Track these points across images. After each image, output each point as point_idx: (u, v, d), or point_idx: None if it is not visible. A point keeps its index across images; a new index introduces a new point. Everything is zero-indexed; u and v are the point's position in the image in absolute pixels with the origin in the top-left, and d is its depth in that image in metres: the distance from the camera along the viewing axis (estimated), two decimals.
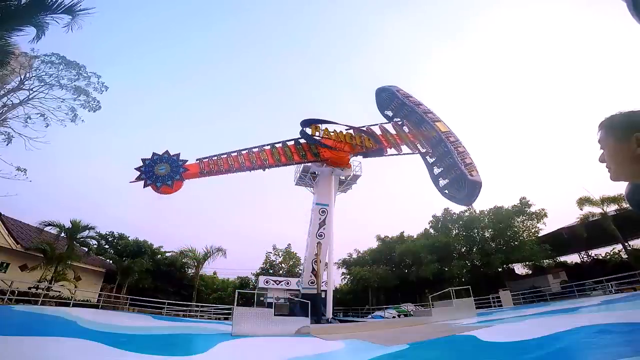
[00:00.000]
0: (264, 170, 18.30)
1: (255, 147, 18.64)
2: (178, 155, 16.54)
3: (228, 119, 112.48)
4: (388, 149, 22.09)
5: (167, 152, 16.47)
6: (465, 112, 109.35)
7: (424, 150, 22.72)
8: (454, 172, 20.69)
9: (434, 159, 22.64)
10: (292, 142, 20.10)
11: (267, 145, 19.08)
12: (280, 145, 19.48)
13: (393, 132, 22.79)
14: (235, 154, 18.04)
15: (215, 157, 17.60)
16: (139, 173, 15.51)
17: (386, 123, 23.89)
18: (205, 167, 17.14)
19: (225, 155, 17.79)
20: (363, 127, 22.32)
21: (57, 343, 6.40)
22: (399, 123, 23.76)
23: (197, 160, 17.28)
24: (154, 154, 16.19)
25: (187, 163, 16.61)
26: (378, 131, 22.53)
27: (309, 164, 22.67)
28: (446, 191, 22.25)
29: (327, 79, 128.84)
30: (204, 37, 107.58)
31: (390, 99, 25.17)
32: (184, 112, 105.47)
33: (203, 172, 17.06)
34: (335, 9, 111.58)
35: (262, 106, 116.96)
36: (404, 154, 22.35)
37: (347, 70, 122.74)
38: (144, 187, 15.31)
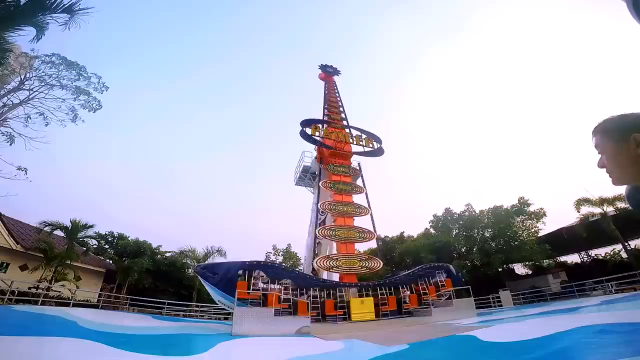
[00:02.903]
0: None
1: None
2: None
3: (227, 117, 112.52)
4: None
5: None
6: (465, 112, 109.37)
7: None
8: None
9: None
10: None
11: None
12: None
13: None
14: None
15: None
16: None
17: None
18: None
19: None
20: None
21: (57, 343, 6.39)
22: None
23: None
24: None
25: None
26: None
27: (309, 164, 22.70)
28: None
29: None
30: (202, 36, 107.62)
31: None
32: (184, 111, 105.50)
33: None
34: (334, 9, 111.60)
35: (261, 105, 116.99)
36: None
37: (346, 69, 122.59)
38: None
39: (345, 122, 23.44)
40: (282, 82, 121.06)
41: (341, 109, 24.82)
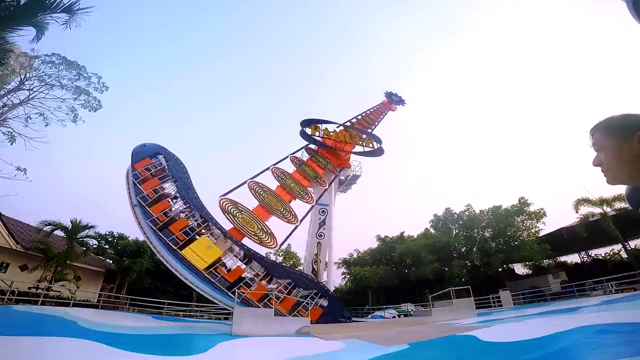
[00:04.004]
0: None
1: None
2: None
3: (227, 117, 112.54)
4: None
5: None
6: (465, 112, 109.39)
7: None
8: None
9: None
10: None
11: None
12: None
13: None
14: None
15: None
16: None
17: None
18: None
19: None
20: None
21: (57, 343, 6.39)
22: None
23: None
24: None
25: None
26: None
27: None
28: None
29: (324, 77, 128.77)
30: (201, 35, 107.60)
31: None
32: (182, 110, 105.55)
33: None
34: (331, 7, 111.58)
35: (260, 104, 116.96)
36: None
37: (344, 68, 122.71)
38: None
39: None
40: (281, 82, 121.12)
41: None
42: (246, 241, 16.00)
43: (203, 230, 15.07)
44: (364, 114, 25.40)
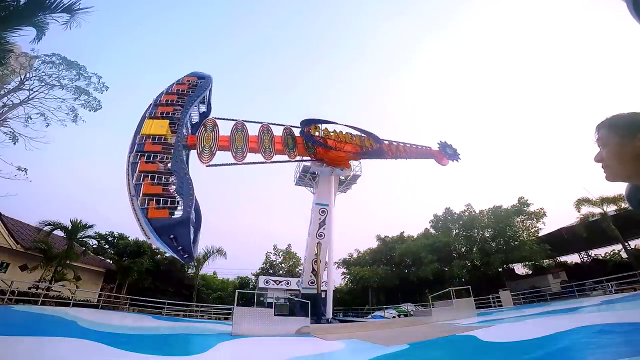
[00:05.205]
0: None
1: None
2: None
3: (226, 116, 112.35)
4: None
5: None
6: (465, 112, 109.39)
7: None
8: None
9: None
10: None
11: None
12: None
13: None
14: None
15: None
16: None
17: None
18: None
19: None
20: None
21: (57, 343, 6.39)
22: None
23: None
24: None
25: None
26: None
27: (309, 164, 22.66)
28: None
29: (324, 76, 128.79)
30: (201, 35, 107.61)
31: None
32: None
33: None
34: (328, 5, 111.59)
35: (261, 104, 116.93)
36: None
37: (345, 68, 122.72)
38: None
39: None
40: (281, 81, 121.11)
41: None
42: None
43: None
44: (404, 144, 23.64)
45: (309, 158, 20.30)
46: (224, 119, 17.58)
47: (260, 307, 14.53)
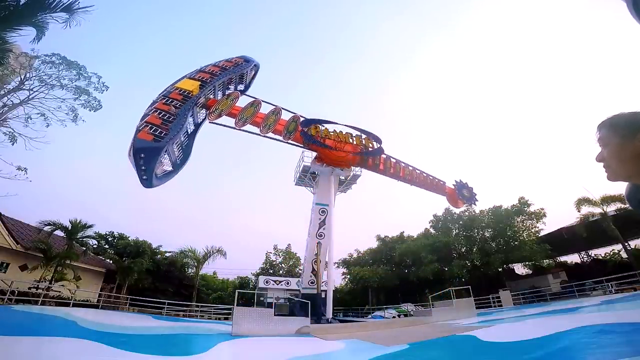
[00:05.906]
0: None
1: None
2: None
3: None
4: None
5: None
6: (465, 111, 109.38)
7: None
8: None
9: None
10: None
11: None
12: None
13: None
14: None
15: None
16: None
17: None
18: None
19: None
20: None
21: (57, 343, 6.39)
22: None
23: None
24: None
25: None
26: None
27: (309, 164, 22.67)
28: None
29: (323, 76, 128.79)
30: (200, 35, 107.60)
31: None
32: None
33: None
34: (328, 5, 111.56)
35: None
36: None
37: (344, 68, 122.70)
38: None
39: None
40: (281, 81, 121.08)
41: None
42: None
43: None
44: (413, 168, 23.58)
45: (301, 145, 20.37)
46: (250, 96, 17.82)
47: (260, 307, 14.55)
